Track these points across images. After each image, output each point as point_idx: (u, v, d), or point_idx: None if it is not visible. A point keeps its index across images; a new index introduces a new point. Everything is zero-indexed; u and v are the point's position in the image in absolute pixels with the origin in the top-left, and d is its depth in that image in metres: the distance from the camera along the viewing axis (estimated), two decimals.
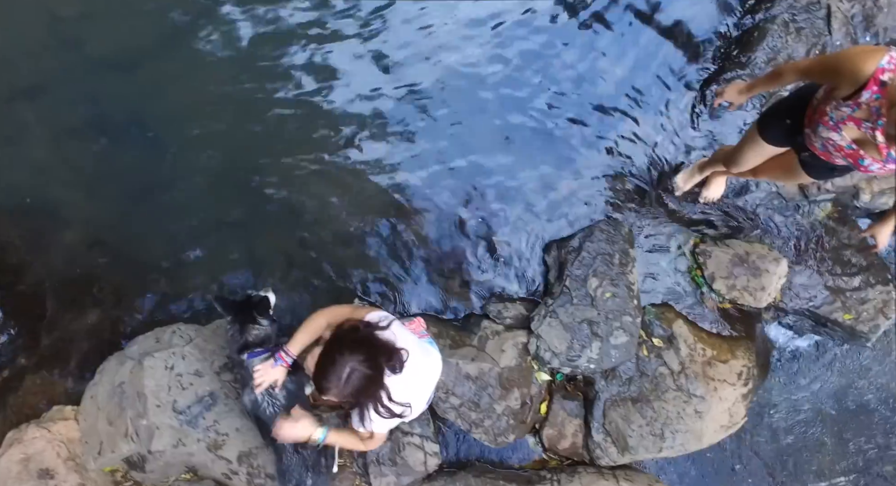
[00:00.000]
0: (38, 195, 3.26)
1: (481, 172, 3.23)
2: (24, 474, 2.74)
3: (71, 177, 3.27)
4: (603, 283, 3.05)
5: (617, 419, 3.06)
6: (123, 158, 3.21)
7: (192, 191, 3.22)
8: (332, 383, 1.95)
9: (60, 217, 3.26)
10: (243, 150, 3.23)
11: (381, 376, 2.02)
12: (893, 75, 1.68)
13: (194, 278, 3.26)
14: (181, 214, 3.28)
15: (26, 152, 3.20)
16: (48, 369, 3.20)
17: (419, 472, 2.95)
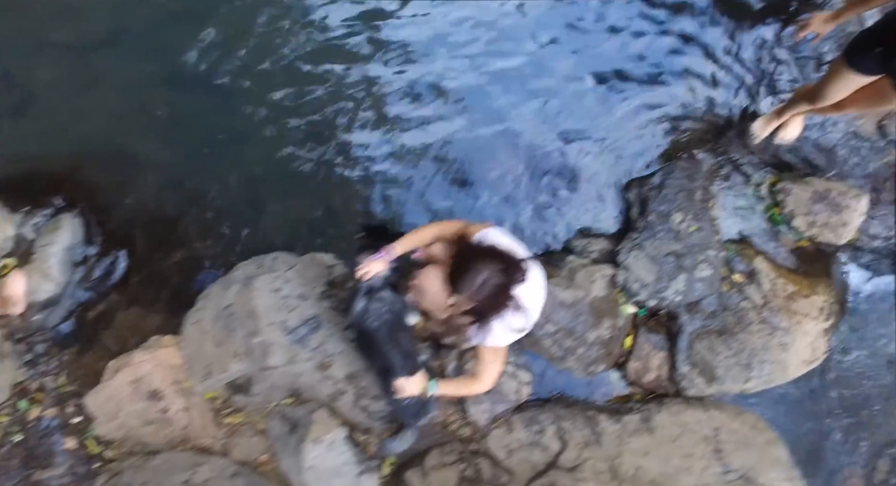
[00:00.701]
0: (119, 141, 3.36)
1: (560, 116, 3.31)
2: (136, 395, 2.81)
3: (149, 124, 3.38)
4: (686, 217, 3.12)
5: (703, 350, 3.11)
6: (198, 107, 3.33)
7: (267, 137, 3.33)
8: (467, 287, 2.02)
9: (143, 161, 3.36)
10: (317, 101, 3.30)
11: (512, 285, 2.08)
12: None
13: (274, 217, 3.33)
14: (257, 159, 3.36)
15: (105, 100, 3.32)
16: (140, 305, 3.26)
17: (512, 400, 3.01)
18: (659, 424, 3.02)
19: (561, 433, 3.04)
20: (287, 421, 2.81)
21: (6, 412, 3.07)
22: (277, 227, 3.35)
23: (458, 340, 2.97)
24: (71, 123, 3.36)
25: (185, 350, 2.87)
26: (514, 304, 2.11)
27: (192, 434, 2.95)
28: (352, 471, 2.68)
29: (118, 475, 2.69)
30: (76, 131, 3.35)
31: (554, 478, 2.90)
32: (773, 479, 2.83)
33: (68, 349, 3.22)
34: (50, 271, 3.08)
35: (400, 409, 2.50)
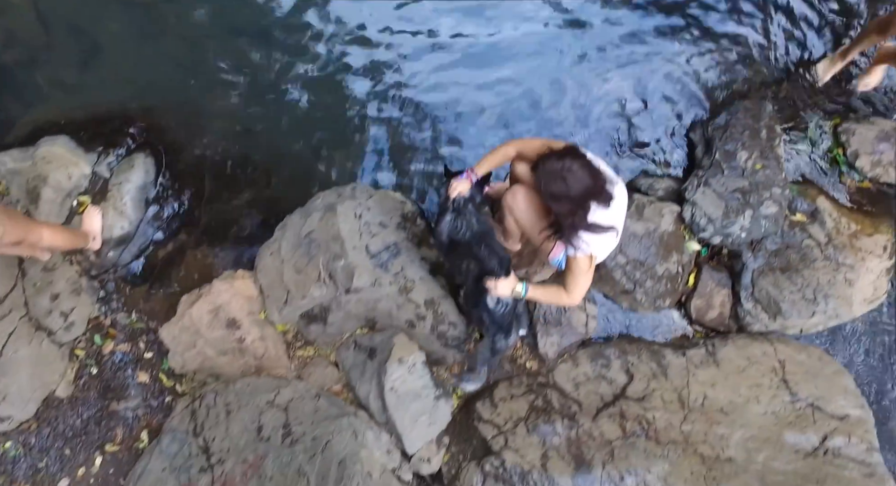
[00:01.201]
0: (186, 87, 3.44)
1: (626, 62, 3.34)
2: (215, 322, 2.86)
3: (214, 72, 3.44)
4: (752, 155, 3.15)
5: (767, 286, 3.14)
6: (262, 56, 3.38)
7: (329, 85, 3.42)
8: (558, 185, 2.07)
9: (210, 106, 3.44)
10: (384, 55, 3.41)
11: (600, 185, 2.12)
12: None
13: (338, 161, 3.39)
14: (320, 106, 3.41)
15: (170, 49, 3.43)
16: (208, 243, 3.33)
17: (580, 333, 3.05)
18: (724, 357, 3.06)
19: (627, 366, 3.07)
20: (363, 349, 2.86)
21: (82, 345, 3.14)
22: (342, 169, 3.40)
23: (531, 271, 3.01)
24: (138, 70, 3.44)
25: (262, 280, 2.92)
26: (604, 200, 2.14)
27: (266, 365, 3.00)
28: (430, 394, 2.73)
29: (200, 399, 2.74)
30: (144, 79, 3.43)
31: (623, 407, 2.94)
32: (842, 406, 2.86)
33: (140, 287, 3.28)
34: (124, 209, 3.15)
35: (493, 320, 2.52)
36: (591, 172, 2.12)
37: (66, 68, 3.40)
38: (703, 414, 2.89)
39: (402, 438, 2.69)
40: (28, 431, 2.98)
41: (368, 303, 2.77)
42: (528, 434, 2.85)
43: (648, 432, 2.83)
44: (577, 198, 2.09)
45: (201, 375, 3.09)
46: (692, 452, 2.77)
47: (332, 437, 2.38)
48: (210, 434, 2.58)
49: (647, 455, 2.75)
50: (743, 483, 2.66)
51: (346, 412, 2.52)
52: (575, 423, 2.87)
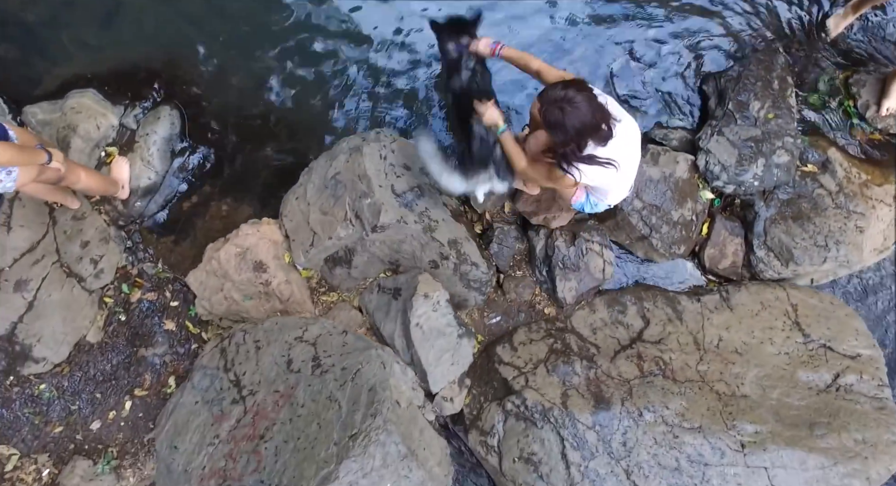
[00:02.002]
0: (208, 44, 3.50)
1: (639, 19, 3.41)
2: (242, 264, 2.94)
3: (233, 30, 3.50)
4: (765, 105, 3.22)
5: (779, 234, 3.21)
6: (280, 11, 3.43)
7: (353, 39, 3.46)
8: (555, 114, 2.11)
9: (230, 62, 3.50)
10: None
11: (598, 121, 2.16)
12: None
13: (362, 108, 3.44)
14: (342, 60, 3.46)
15: (190, 6, 3.47)
16: (232, 195, 3.41)
17: (598, 278, 3.12)
18: (738, 302, 3.13)
19: (643, 312, 3.15)
20: (387, 291, 2.94)
21: (111, 293, 3.22)
22: (362, 121, 3.47)
23: (549, 216, 3.08)
24: (160, 27, 3.50)
25: (288, 225, 2.99)
26: (601, 137, 2.18)
27: (291, 309, 3.08)
28: (454, 332, 2.81)
29: (230, 339, 2.81)
30: (166, 35, 3.49)
31: (640, 350, 3.01)
32: (854, 346, 2.94)
33: (166, 237, 3.36)
34: (151, 159, 3.22)
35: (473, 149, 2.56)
36: (593, 107, 2.14)
37: (89, 26, 3.46)
38: (718, 355, 2.96)
39: (427, 375, 2.77)
40: (61, 374, 3.06)
41: (393, 243, 2.84)
42: (548, 375, 2.93)
43: (665, 371, 2.91)
44: (572, 130, 2.13)
45: (227, 320, 3.17)
46: (708, 389, 2.85)
47: (361, 366, 2.46)
48: (241, 369, 2.66)
49: (664, 393, 2.83)
50: (758, 417, 2.73)
51: (373, 346, 2.60)
52: (593, 364, 2.95)
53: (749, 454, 2.64)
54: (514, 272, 3.21)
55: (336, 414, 2.32)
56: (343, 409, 2.33)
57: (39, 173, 2.42)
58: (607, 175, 2.32)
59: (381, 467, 2.21)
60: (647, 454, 2.70)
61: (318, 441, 2.27)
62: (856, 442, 2.62)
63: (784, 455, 2.61)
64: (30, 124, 3.18)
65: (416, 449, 2.39)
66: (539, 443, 2.75)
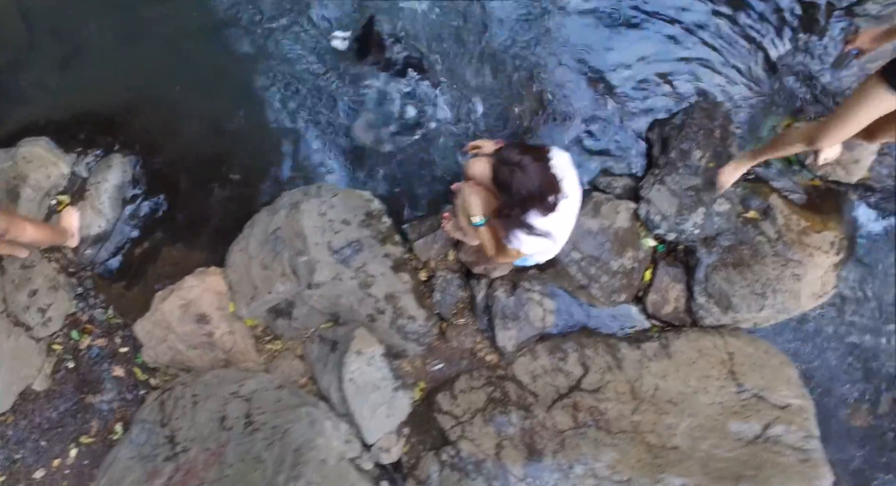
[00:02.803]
0: (163, 89, 3.55)
1: (584, 66, 3.46)
2: (185, 317, 2.99)
3: (191, 74, 3.56)
4: (706, 154, 3.27)
5: (719, 281, 3.26)
6: (237, 58, 3.52)
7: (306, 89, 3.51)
8: (504, 175, 2.15)
9: (186, 108, 3.56)
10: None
11: (544, 193, 2.21)
12: None
13: (312, 157, 3.50)
14: (295, 109, 3.52)
15: (148, 51, 3.53)
16: (184, 241, 3.46)
17: (538, 327, 3.17)
18: (677, 349, 3.18)
19: (583, 359, 3.20)
20: (327, 342, 2.99)
21: (60, 340, 3.27)
22: (313, 168, 3.52)
23: (489, 267, 3.13)
24: (118, 72, 3.56)
25: (232, 276, 3.05)
26: (543, 208, 2.23)
27: (234, 358, 3.13)
28: (389, 386, 2.86)
29: (170, 391, 2.86)
30: (123, 80, 3.54)
31: (577, 398, 3.06)
32: (785, 396, 2.98)
33: (116, 283, 3.41)
34: (102, 207, 3.28)
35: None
36: (543, 178, 2.17)
37: (48, 70, 3.52)
38: (653, 404, 3.01)
39: (361, 428, 2.81)
40: (5, 423, 3.11)
41: (331, 298, 2.89)
42: (485, 425, 2.98)
43: (599, 422, 2.96)
44: (517, 194, 2.16)
45: (174, 368, 3.22)
46: (640, 441, 2.90)
47: (290, 425, 2.51)
48: (177, 424, 2.71)
49: (596, 445, 2.88)
50: (686, 470, 2.78)
51: (305, 402, 2.64)
52: (530, 414, 3.00)
53: None
54: (457, 320, 3.26)
55: (261, 475, 2.37)
56: (269, 470, 2.38)
57: None
58: (542, 245, 2.38)
59: None
60: None
61: None
62: None
63: None
64: None
65: None
66: None
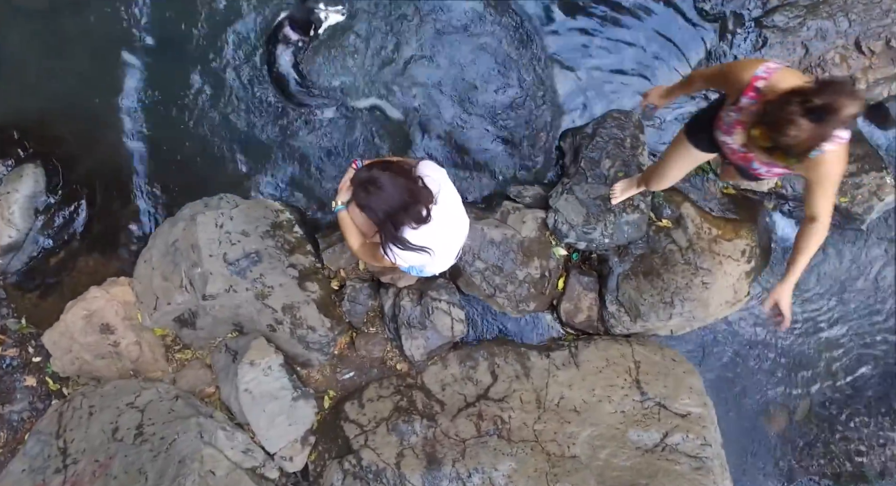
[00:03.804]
0: (82, 99, 3.54)
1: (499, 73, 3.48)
2: (88, 327, 2.99)
3: (111, 84, 3.54)
4: (615, 163, 3.29)
5: (629, 290, 3.28)
6: (159, 69, 3.49)
7: (225, 99, 3.51)
8: (360, 196, 2.14)
9: (104, 119, 3.56)
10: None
11: (407, 204, 2.18)
12: (767, 83, 1.82)
13: (229, 166, 3.50)
14: (215, 119, 3.53)
15: (69, 62, 3.51)
16: (99, 251, 3.46)
17: (446, 336, 3.18)
18: (585, 358, 3.20)
19: (493, 367, 3.21)
20: (230, 351, 2.99)
21: None
22: (230, 178, 3.53)
23: (395, 277, 3.14)
24: (36, 82, 3.55)
25: (137, 287, 3.05)
26: (415, 218, 2.22)
27: (142, 368, 3.13)
28: (287, 395, 2.86)
29: (69, 402, 2.86)
30: (41, 90, 3.54)
31: (482, 408, 3.07)
32: (686, 404, 3.00)
33: (30, 293, 3.40)
34: (12, 218, 3.27)
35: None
36: (399, 188, 2.14)
37: None
38: (556, 414, 3.03)
39: (260, 437, 2.81)
40: None
41: (231, 308, 2.90)
42: (388, 433, 2.99)
43: (501, 431, 2.97)
44: (380, 211, 2.15)
45: (84, 378, 3.22)
46: (540, 450, 2.91)
47: (178, 436, 2.51)
48: (70, 436, 2.71)
49: (496, 454, 2.89)
50: (581, 480, 2.79)
51: (199, 413, 2.65)
52: (434, 423, 3.01)
53: None
54: (368, 329, 3.27)
55: None
56: (149, 483, 2.37)
57: None
58: (421, 259, 2.37)
59: None
60: None
61: None
62: None
63: None
64: None
65: None
66: None
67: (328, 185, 3.46)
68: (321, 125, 3.50)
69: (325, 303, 3.09)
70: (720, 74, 2.10)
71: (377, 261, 2.45)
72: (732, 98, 1.98)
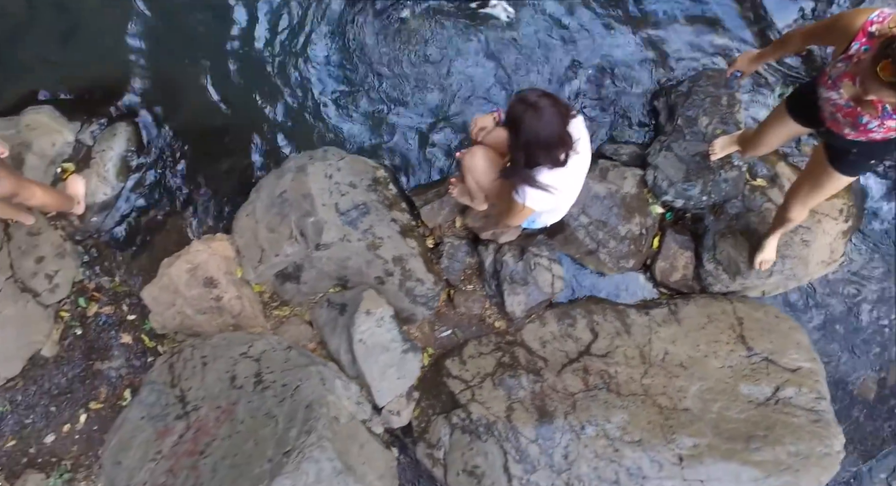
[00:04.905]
0: (165, 60, 3.54)
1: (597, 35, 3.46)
2: (193, 281, 2.98)
3: (191, 45, 3.57)
4: (713, 121, 3.27)
5: (727, 248, 3.26)
6: (238, 30, 3.54)
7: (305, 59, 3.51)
8: (517, 110, 2.05)
9: (188, 79, 3.55)
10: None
11: (557, 140, 2.16)
12: (882, 26, 1.73)
13: (316, 125, 3.51)
14: (297, 78, 3.52)
15: (150, 23, 3.54)
16: (189, 209, 3.45)
17: (546, 293, 3.17)
18: (686, 315, 3.18)
19: (592, 325, 3.19)
20: (335, 306, 2.98)
21: (67, 307, 3.27)
22: (317, 136, 3.52)
23: (497, 232, 3.13)
24: (119, 45, 3.55)
25: (239, 240, 3.04)
26: (553, 158, 2.19)
27: (243, 323, 3.12)
28: (398, 347, 2.85)
29: (178, 354, 2.85)
30: (125, 52, 3.54)
31: (587, 363, 3.06)
32: (795, 359, 2.98)
33: (123, 251, 3.40)
34: (107, 175, 3.27)
35: None
36: (557, 127, 2.09)
37: (49, 43, 3.51)
38: (662, 368, 3.01)
39: (371, 389, 2.80)
40: (14, 388, 3.11)
41: (339, 260, 2.89)
42: (495, 388, 2.97)
43: (610, 385, 2.96)
44: (524, 134, 2.07)
45: (181, 334, 3.21)
46: (651, 403, 2.90)
47: (300, 383, 2.50)
48: (186, 385, 2.70)
49: (607, 407, 2.87)
50: (697, 431, 2.78)
51: (315, 362, 2.64)
52: (540, 378, 2.99)
53: (686, 468, 2.69)
54: (465, 286, 3.25)
55: (272, 431, 2.36)
56: (279, 426, 2.37)
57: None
58: (546, 203, 2.35)
59: (314, 483, 2.25)
60: (587, 467, 2.74)
61: (254, 458, 2.31)
62: (789, 455, 2.67)
63: (720, 469, 2.66)
64: None
65: (353, 465, 2.43)
66: (483, 456, 2.79)
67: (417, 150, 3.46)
68: (413, 89, 3.47)
69: (426, 259, 3.07)
70: (826, 27, 2.02)
71: (500, 201, 2.41)
72: (840, 49, 1.91)
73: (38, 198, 2.81)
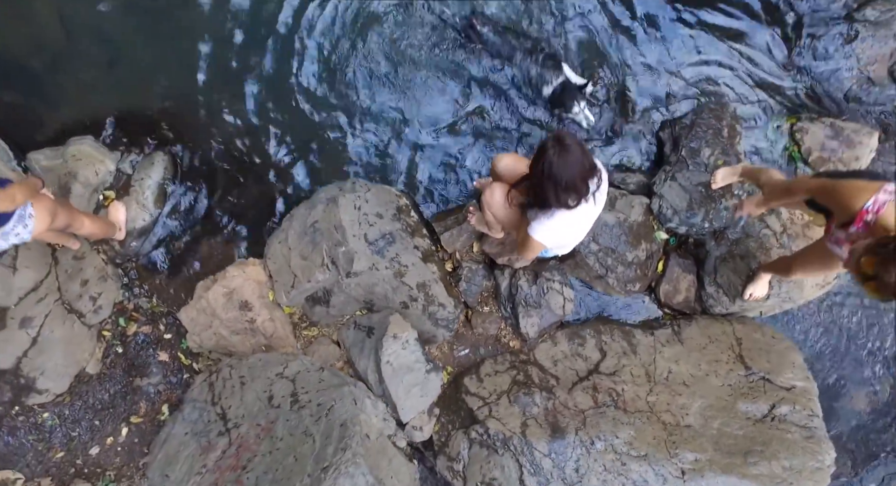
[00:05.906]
0: (200, 89, 3.74)
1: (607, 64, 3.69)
2: (229, 304, 3.20)
3: (226, 74, 3.75)
4: (715, 152, 3.48)
5: (727, 272, 3.48)
6: (269, 61, 3.74)
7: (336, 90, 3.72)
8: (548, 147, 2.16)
9: (222, 108, 3.75)
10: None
11: (579, 182, 2.26)
12: (875, 218, 1.97)
13: (340, 154, 3.71)
14: (327, 108, 3.73)
15: (184, 53, 3.72)
16: (222, 235, 3.67)
17: (558, 314, 3.39)
18: (688, 335, 3.40)
19: (601, 344, 3.42)
20: (362, 329, 3.20)
21: (108, 327, 3.49)
22: (344, 165, 3.73)
23: (513, 258, 3.35)
24: (155, 74, 3.75)
25: (272, 266, 3.26)
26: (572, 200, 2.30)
27: (275, 344, 3.35)
28: (422, 368, 3.07)
29: (217, 373, 3.08)
30: (161, 81, 3.74)
31: (596, 381, 3.28)
32: (790, 378, 3.20)
33: (160, 274, 3.62)
34: (146, 202, 3.49)
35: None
36: (578, 169, 2.18)
37: (89, 73, 3.71)
38: (667, 387, 3.23)
39: (396, 407, 3.03)
40: (62, 403, 3.33)
41: (367, 286, 3.11)
42: (510, 405, 3.20)
43: (618, 402, 3.18)
44: (546, 168, 2.16)
45: (216, 353, 3.44)
46: (656, 420, 3.12)
47: (334, 403, 2.73)
48: (227, 403, 2.93)
49: (615, 423, 3.10)
50: (699, 446, 3.00)
51: (346, 382, 2.86)
52: (552, 395, 3.22)
53: (689, 481, 2.92)
54: (482, 308, 3.48)
55: (310, 448, 2.59)
56: (317, 443, 2.59)
57: (52, 223, 2.68)
58: (561, 238, 2.55)
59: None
60: (597, 480, 2.97)
61: (294, 473, 2.54)
62: (784, 469, 2.89)
63: (720, 482, 2.88)
64: (34, 170, 3.44)
65: (383, 478, 2.66)
66: (499, 469, 3.02)
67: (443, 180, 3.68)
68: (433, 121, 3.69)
69: (446, 283, 3.29)
70: (827, 193, 2.21)
71: (528, 251, 2.61)
72: (839, 221, 2.14)
73: (86, 227, 3.03)
